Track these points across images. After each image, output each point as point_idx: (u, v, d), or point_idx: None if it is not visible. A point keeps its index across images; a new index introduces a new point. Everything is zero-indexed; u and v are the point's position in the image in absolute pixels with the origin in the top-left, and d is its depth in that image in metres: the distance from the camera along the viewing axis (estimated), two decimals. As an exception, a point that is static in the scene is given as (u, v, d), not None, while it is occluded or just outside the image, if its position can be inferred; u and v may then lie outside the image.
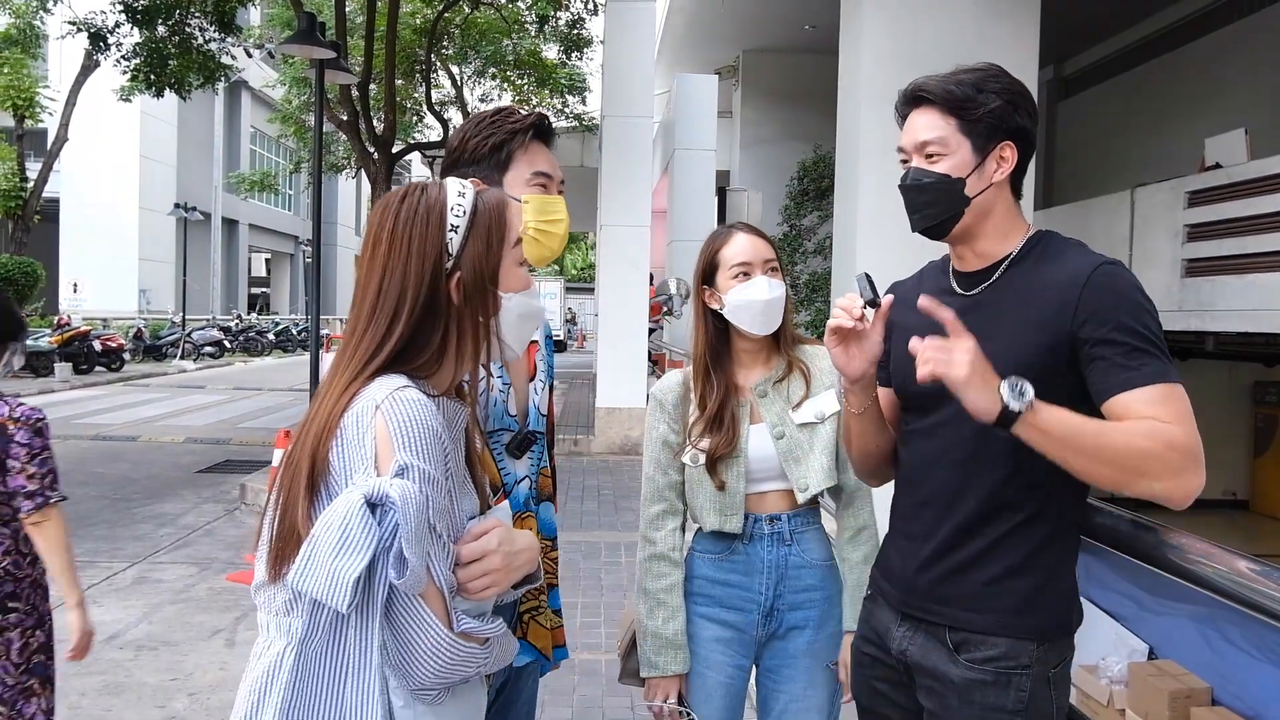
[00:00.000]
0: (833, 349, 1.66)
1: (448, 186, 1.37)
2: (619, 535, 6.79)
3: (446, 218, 1.33)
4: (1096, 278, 1.50)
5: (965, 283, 1.68)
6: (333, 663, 1.21)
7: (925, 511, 1.67)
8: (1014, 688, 1.55)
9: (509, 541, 1.32)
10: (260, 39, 17.72)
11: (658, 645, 2.08)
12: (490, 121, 1.85)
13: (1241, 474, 12.09)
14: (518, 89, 19.10)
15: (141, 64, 12.02)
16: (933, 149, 1.61)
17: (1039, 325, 1.53)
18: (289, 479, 1.24)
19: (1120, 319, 1.46)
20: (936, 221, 1.64)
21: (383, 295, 1.31)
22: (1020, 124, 1.61)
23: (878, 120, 6.34)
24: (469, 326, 1.34)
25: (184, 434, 12.12)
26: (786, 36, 15.82)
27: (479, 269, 1.34)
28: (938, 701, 1.63)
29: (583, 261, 49.22)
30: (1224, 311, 7.42)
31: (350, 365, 1.29)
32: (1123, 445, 1.38)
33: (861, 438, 1.78)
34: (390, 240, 1.32)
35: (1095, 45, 14.78)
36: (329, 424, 1.23)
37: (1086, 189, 11.28)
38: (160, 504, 7.94)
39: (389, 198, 1.38)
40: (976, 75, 1.61)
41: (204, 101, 29.64)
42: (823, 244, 14.18)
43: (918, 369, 1.42)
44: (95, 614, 5.02)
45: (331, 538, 1.13)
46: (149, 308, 28.26)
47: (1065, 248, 1.61)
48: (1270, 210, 6.92)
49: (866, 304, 1.63)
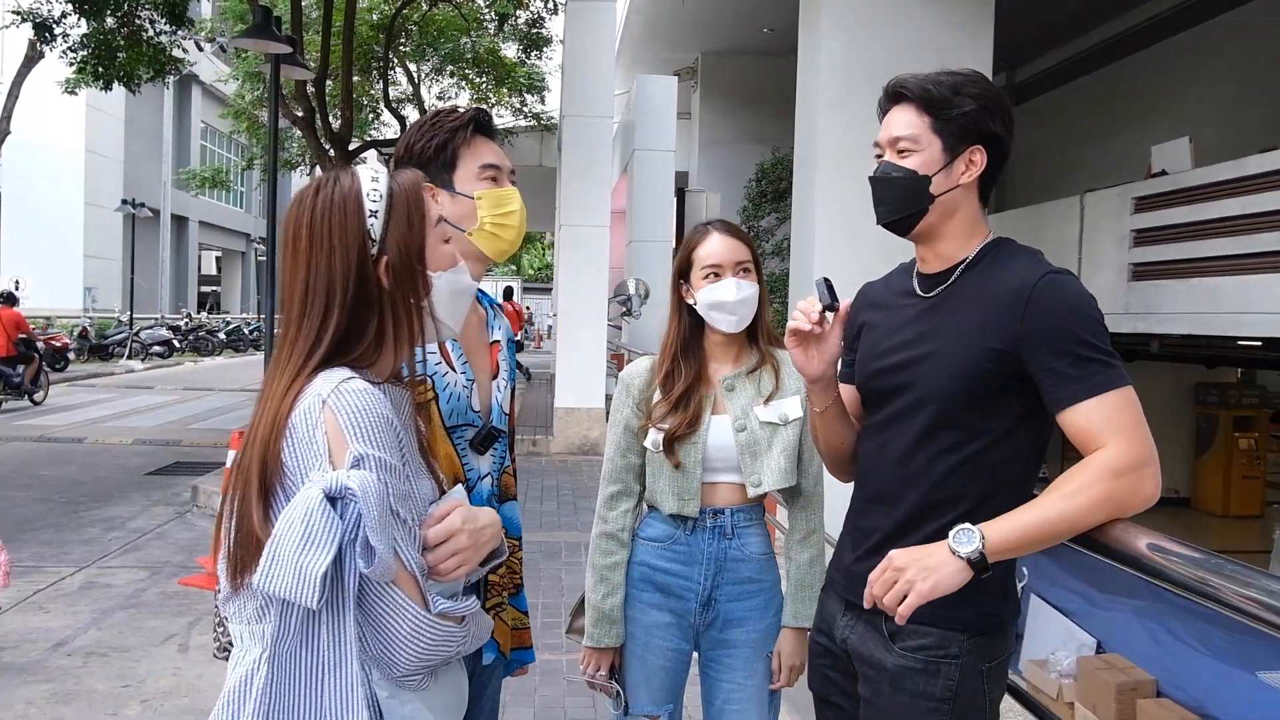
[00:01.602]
0: (792, 350, 1.73)
1: (359, 173, 1.35)
2: (579, 535, 6.79)
3: (364, 204, 1.32)
4: (1040, 288, 1.53)
5: (926, 285, 1.72)
6: (308, 662, 1.20)
7: (872, 506, 1.73)
8: (943, 676, 1.60)
9: (472, 520, 1.32)
10: (212, 32, 17.41)
11: (596, 618, 2.18)
12: (431, 124, 1.86)
13: (1183, 473, 12.42)
14: (476, 87, 18.97)
15: (89, 56, 11.75)
16: (904, 144, 1.66)
17: (986, 331, 1.57)
18: (241, 485, 1.23)
19: (1065, 328, 1.50)
20: (900, 216, 1.68)
21: (310, 290, 1.30)
22: (993, 130, 1.64)
23: (835, 124, 6.42)
24: (403, 310, 1.33)
25: (132, 435, 11.88)
26: (745, 39, 15.93)
27: (405, 250, 1.33)
28: (872, 689, 1.68)
29: (540, 261, 49.06)
30: (1168, 314, 7.61)
31: (289, 364, 1.29)
32: (1084, 508, 1.42)
33: (827, 434, 1.84)
34: (310, 234, 1.31)
35: (1047, 53, 15.08)
36: (277, 424, 1.23)
37: (1038, 193, 11.48)
38: (109, 507, 7.79)
39: (303, 192, 1.36)
40: (957, 79, 1.65)
41: (153, 95, 29.04)
42: (780, 245, 14.29)
43: (891, 611, 1.45)
44: (42, 620, 4.95)
45: (294, 535, 1.12)
46: (95, 306, 27.62)
47: (1017, 255, 1.65)
48: (1213, 216, 7.11)
49: (825, 308, 1.69)
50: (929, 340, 1.64)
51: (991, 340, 1.56)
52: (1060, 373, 1.49)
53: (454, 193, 1.83)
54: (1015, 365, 1.54)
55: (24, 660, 4.38)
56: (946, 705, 1.59)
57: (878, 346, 1.75)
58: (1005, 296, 1.56)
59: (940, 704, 1.60)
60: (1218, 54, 11.50)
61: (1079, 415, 1.47)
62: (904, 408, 1.67)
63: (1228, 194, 7.01)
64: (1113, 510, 1.43)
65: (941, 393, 1.60)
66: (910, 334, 1.69)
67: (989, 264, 1.65)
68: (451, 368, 1.79)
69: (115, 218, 28.71)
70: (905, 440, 1.66)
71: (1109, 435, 1.45)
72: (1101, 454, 1.44)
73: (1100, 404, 1.46)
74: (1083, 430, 1.47)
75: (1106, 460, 1.43)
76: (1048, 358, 1.50)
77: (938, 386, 1.60)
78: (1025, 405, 1.57)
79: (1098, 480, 1.42)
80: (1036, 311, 1.52)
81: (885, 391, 1.71)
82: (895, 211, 1.68)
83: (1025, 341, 1.52)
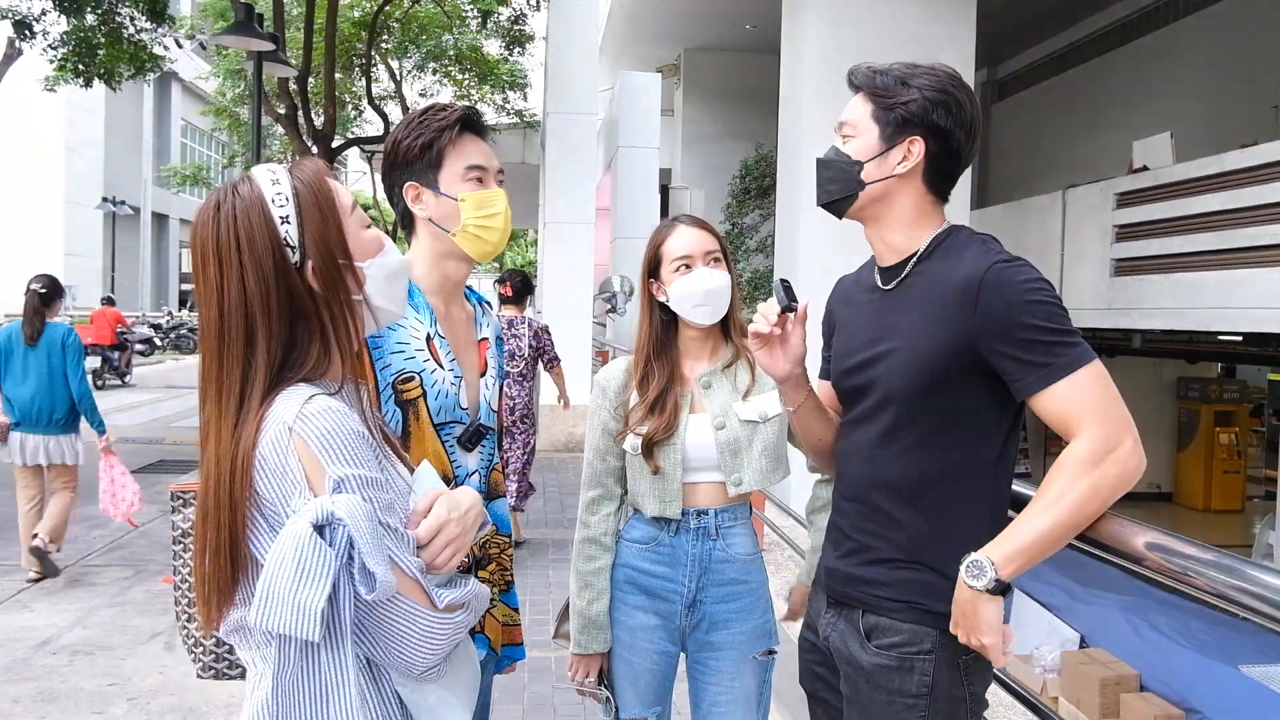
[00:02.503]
0: (757, 352, 1.74)
1: (257, 177, 1.26)
2: (566, 532, 6.79)
3: (270, 211, 1.23)
4: (989, 279, 1.52)
5: (884, 278, 1.72)
6: (311, 690, 1.18)
7: (847, 503, 1.73)
8: (917, 672, 1.60)
9: (456, 506, 1.31)
10: (193, 30, 17.29)
11: (582, 624, 2.16)
12: (418, 122, 1.84)
13: (1165, 467, 12.51)
14: (458, 84, 18.91)
15: (69, 53, 11.66)
16: (846, 130, 1.68)
17: (941, 322, 1.56)
18: (214, 534, 1.18)
19: (1018, 318, 1.49)
20: (831, 200, 1.71)
21: (227, 317, 1.21)
22: (937, 123, 1.62)
23: (819, 120, 6.44)
24: (339, 311, 1.27)
25: (115, 434, 11.74)
26: (728, 35, 15.95)
27: (327, 249, 1.26)
28: (852, 687, 1.68)
29: (524, 259, 48.97)
30: (1150, 309, 7.67)
31: (225, 404, 1.21)
32: (1075, 507, 1.44)
33: (804, 431, 1.84)
34: (218, 254, 1.21)
35: (1027, 50, 15.16)
36: (242, 463, 1.17)
37: (1019, 189, 11.56)
38: (91, 505, 7.71)
39: (204, 210, 1.25)
40: (911, 71, 1.65)
41: (132, 93, 28.81)
42: (764, 242, 14.33)
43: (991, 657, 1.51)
44: (26, 619, 4.91)
45: (287, 571, 1.09)
46: (75, 304, 27.42)
47: (967, 245, 1.63)
48: (1195, 211, 7.17)
49: (783, 310, 1.69)
50: (887, 338, 1.64)
51: (948, 333, 1.55)
52: (1022, 360, 1.49)
53: (438, 193, 1.82)
54: (974, 358, 1.54)
55: (9, 659, 4.35)
56: (923, 701, 1.59)
57: (847, 344, 1.76)
58: (955, 290, 1.55)
59: (917, 700, 1.59)
60: (1197, 49, 11.59)
61: (1048, 401, 1.48)
62: (870, 407, 1.67)
63: (1209, 189, 7.08)
64: (1105, 497, 1.44)
65: (901, 391, 1.60)
66: (871, 332, 1.69)
67: (940, 255, 1.64)
68: (440, 365, 1.79)
69: (95, 216, 28.51)
70: (872, 438, 1.66)
71: (1080, 419, 1.45)
72: (1074, 446, 1.45)
73: (1068, 386, 1.47)
74: (1055, 415, 1.48)
75: (1080, 453, 1.44)
76: (1007, 348, 1.50)
77: (898, 386, 1.60)
78: (987, 394, 1.57)
79: (1078, 477, 1.43)
80: (987, 303, 1.51)
81: (853, 390, 1.72)
82: (829, 195, 1.70)
83: (981, 334, 1.52)
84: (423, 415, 1.76)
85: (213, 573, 1.19)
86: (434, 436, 1.78)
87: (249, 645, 1.24)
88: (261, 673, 1.23)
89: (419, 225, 1.86)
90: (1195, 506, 12.18)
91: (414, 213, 1.85)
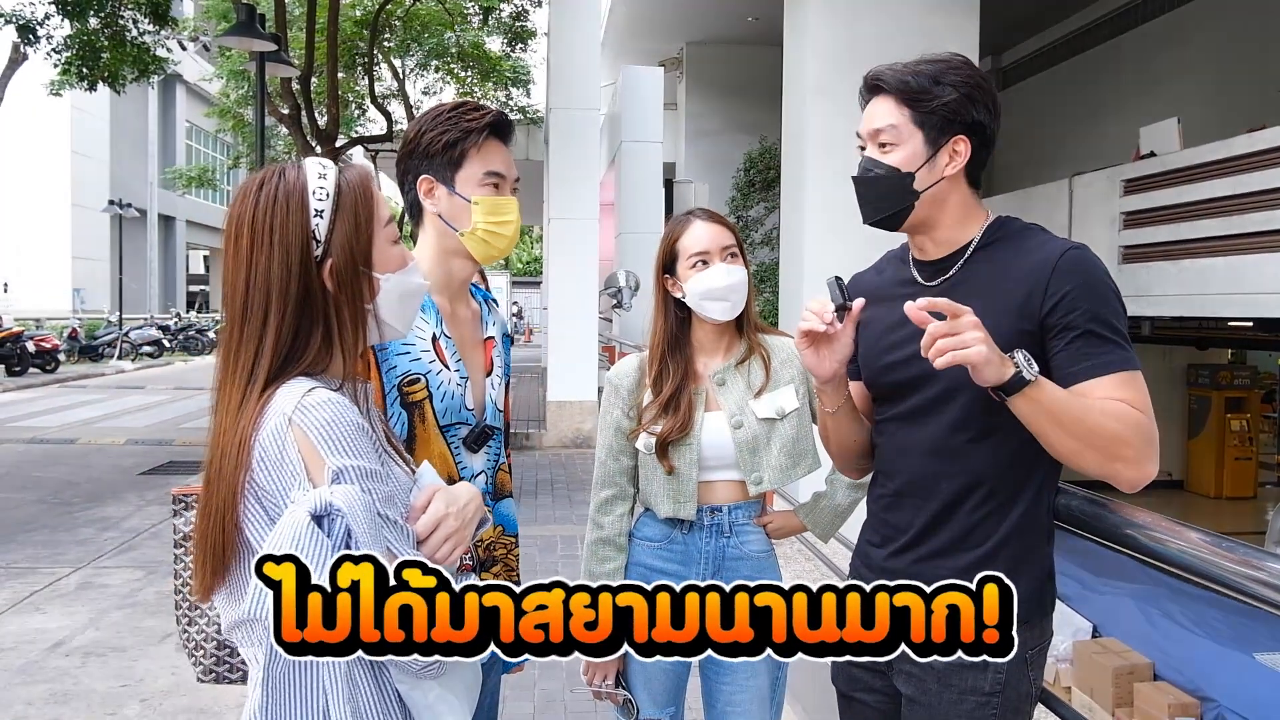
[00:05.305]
0: (803, 350, 1.66)
1: (307, 167, 1.28)
2: (574, 529, 6.79)
3: (309, 202, 1.25)
4: (1064, 263, 1.50)
5: (927, 272, 1.67)
6: (300, 682, 1.18)
7: (902, 500, 1.68)
8: (991, 670, 1.57)
9: (454, 500, 1.31)
10: (196, 32, 17.32)
11: None
12: (447, 117, 1.81)
13: (1177, 455, 12.46)
14: (461, 81, 18.93)
15: (73, 57, 11.68)
16: (885, 138, 1.61)
17: (1010, 310, 1.53)
18: (217, 524, 1.19)
19: (1088, 305, 1.48)
20: (886, 215, 1.64)
21: (251, 292, 1.24)
22: (976, 118, 1.59)
23: (823, 112, 6.41)
24: (348, 315, 1.28)
25: (124, 435, 11.84)
26: (730, 28, 15.90)
27: (350, 253, 1.27)
28: (916, 686, 1.64)
29: (529, 255, 48.95)
30: (1159, 296, 7.62)
31: (237, 378, 1.24)
32: (1098, 426, 1.42)
33: (838, 434, 1.79)
34: (251, 232, 1.24)
35: (1032, 37, 15.08)
36: (242, 453, 1.19)
37: (1025, 177, 11.50)
38: (102, 507, 7.76)
39: (247, 185, 1.28)
40: (936, 67, 1.60)
41: (137, 96, 28.88)
42: (770, 235, 14.28)
43: (932, 359, 1.40)
44: (39, 621, 4.93)
45: None
46: (84, 307, 27.50)
47: (1026, 232, 1.62)
48: (1202, 197, 7.12)
49: (837, 309, 1.62)
50: None
51: (1019, 322, 1.52)
52: (1079, 348, 1.48)
53: (452, 191, 1.80)
54: (1040, 344, 1.52)
55: (22, 661, 4.37)
56: (996, 698, 1.57)
57: (884, 340, 1.69)
58: (1027, 275, 1.53)
59: (990, 697, 1.58)
60: (1204, 34, 11.52)
61: (1095, 386, 1.46)
62: (931, 399, 1.62)
63: (1216, 174, 7.03)
64: (1115, 458, 1.42)
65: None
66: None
67: (999, 245, 1.61)
68: (445, 365, 1.78)
69: (102, 218, 28.57)
70: (936, 432, 1.62)
71: (1133, 405, 1.45)
72: (1136, 413, 1.44)
73: (1118, 379, 1.45)
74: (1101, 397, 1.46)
75: (1140, 421, 1.43)
76: (1068, 332, 1.48)
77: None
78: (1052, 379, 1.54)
79: (1124, 422, 1.42)
80: (1059, 284, 1.49)
81: (903, 384, 1.66)
82: (881, 211, 1.64)
83: (1047, 315, 1.50)
84: (428, 417, 1.75)
85: (210, 531, 1.20)
86: (440, 438, 1.77)
87: (250, 642, 1.24)
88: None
89: (427, 219, 1.85)
90: (1207, 494, 12.13)
91: (424, 206, 1.83)
